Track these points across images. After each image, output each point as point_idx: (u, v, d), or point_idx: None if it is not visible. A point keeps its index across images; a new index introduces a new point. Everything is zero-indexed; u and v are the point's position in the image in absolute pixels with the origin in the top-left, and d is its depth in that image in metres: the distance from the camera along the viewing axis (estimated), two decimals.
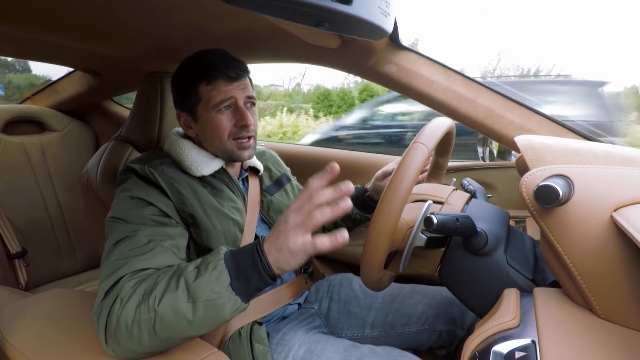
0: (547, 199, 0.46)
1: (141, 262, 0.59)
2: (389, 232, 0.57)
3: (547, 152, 0.54)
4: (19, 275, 1.40)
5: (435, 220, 0.55)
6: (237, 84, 0.75)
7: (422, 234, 0.64)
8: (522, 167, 0.73)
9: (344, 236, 0.50)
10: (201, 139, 0.80)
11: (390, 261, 0.74)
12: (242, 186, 0.85)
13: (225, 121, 0.75)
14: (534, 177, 0.50)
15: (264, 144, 1.38)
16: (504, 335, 0.46)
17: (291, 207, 0.53)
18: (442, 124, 0.67)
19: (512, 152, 1.18)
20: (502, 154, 1.24)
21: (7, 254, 1.37)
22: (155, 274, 0.57)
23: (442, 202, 0.72)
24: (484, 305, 0.60)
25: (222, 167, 0.80)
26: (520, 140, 0.58)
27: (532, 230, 0.84)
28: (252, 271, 0.54)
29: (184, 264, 0.59)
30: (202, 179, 0.77)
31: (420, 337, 0.85)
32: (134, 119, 0.98)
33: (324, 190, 0.51)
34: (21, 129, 1.52)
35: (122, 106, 1.77)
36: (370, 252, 0.60)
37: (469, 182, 0.84)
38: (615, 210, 0.44)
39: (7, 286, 0.95)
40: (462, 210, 0.69)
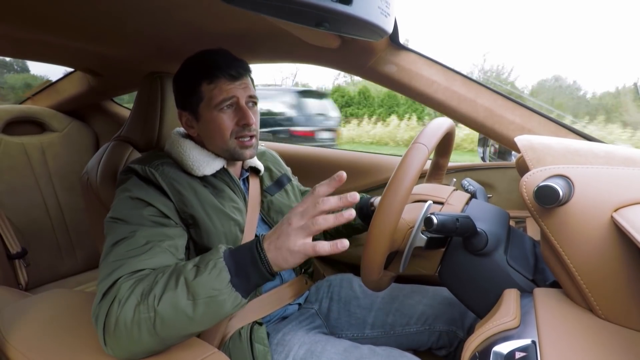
0: (547, 199, 0.46)
1: (139, 263, 0.59)
2: (389, 233, 0.57)
3: (547, 153, 0.54)
4: (19, 275, 1.41)
5: (435, 220, 0.55)
6: (239, 83, 0.76)
7: (422, 234, 0.64)
8: (522, 168, 0.73)
9: (344, 244, 0.52)
10: (203, 139, 0.80)
11: (390, 261, 0.74)
12: (242, 186, 0.85)
13: (227, 120, 0.75)
14: (534, 178, 0.50)
15: (264, 144, 1.38)
16: (504, 335, 0.46)
17: (295, 210, 0.55)
18: (442, 124, 0.67)
19: (512, 152, 1.18)
20: (502, 154, 1.24)
21: (7, 254, 1.37)
22: (153, 274, 0.57)
23: (442, 203, 0.72)
24: (484, 305, 0.60)
25: (224, 167, 0.80)
26: (520, 140, 0.58)
27: (532, 230, 0.84)
28: (251, 268, 0.55)
29: (182, 263, 0.59)
30: (203, 179, 0.77)
31: (420, 338, 0.85)
32: (134, 119, 0.98)
33: (330, 198, 0.53)
34: (21, 129, 1.52)
35: (122, 106, 1.77)
36: (370, 253, 0.60)
37: (469, 182, 0.84)
38: (615, 210, 0.44)
39: (7, 286, 0.95)
40: (462, 210, 0.69)
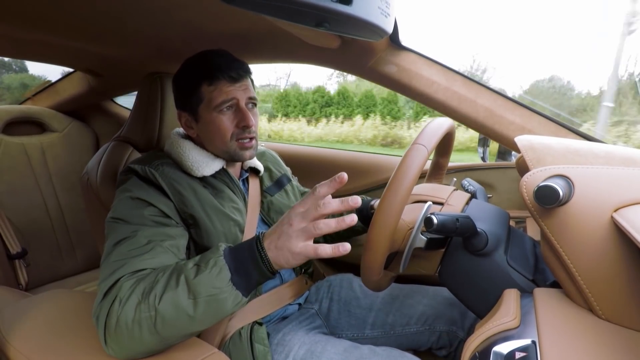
0: (548, 200, 0.46)
1: (140, 263, 0.59)
2: (389, 234, 0.57)
3: (547, 153, 0.54)
4: (19, 275, 1.41)
5: (435, 220, 0.55)
6: (239, 84, 0.76)
7: (422, 235, 0.64)
8: (522, 168, 0.73)
9: (346, 248, 0.52)
10: (202, 139, 0.80)
11: (390, 262, 0.74)
12: (242, 187, 0.85)
13: (226, 122, 0.75)
14: (534, 178, 0.50)
15: (264, 144, 1.38)
16: (504, 335, 0.46)
17: (296, 210, 0.54)
18: (441, 124, 0.67)
19: (513, 152, 1.18)
20: (503, 155, 1.24)
21: (7, 255, 1.37)
22: (153, 273, 0.57)
23: (442, 203, 0.72)
24: (484, 305, 0.60)
25: (223, 168, 0.80)
26: (520, 140, 0.58)
27: (533, 230, 0.84)
28: (252, 266, 0.56)
29: (183, 262, 0.59)
30: (203, 180, 0.77)
31: (420, 338, 0.85)
32: (134, 119, 0.98)
33: (332, 201, 0.53)
34: (21, 130, 1.52)
35: (122, 107, 1.77)
36: (370, 253, 0.60)
37: (469, 182, 0.84)
38: (615, 210, 0.44)
39: (8, 286, 0.95)
40: (462, 210, 0.69)
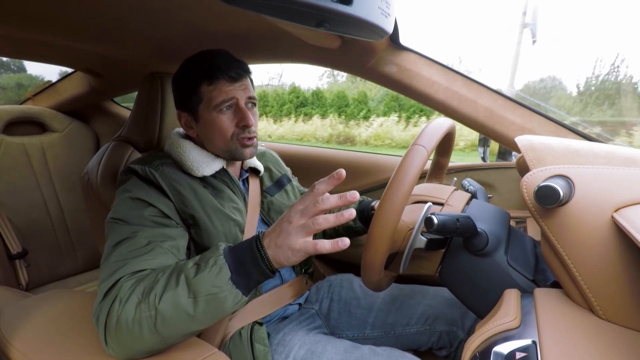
0: (548, 200, 0.46)
1: (140, 263, 0.59)
2: (389, 234, 0.57)
3: (547, 153, 0.54)
4: (19, 275, 1.41)
5: (436, 220, 0.55)
6: (239, 84, 0.76)
7: (423, 235, 0.64)
8: (522, 168, 0.73)
9: (345, 242, 0.52)
10: (202, 139, 0.80)
11: (390, 262, 0.74)
12: (242, 187, 0.85)
13: (226, 121, 0.75)
14: (535, 178, 0.50)
15: (264, 144, 1.38)
16: (505, 335, 0.46)
17: (295, 208, 0.55)
18: (442, 125, 0.67)
19: (513, 152, 1.18)
20: (503, 155, 1.24)
21: (7, 255, 1.37)
22: (153, 273, 0.57)
23: (442, 203, 0.72)
24: (485, 305, 0.60)
25: (223, 168, 0.80)
26: (520, 140, 0.58)
27: (533, 230, 0.83)
28: (252, 265, 0.55)
29: (183, 261, 0.59)
30: (203, 180, 0.77)
31: (420, 338, 0.85)
32: (135, 119, 0.98)
33: (330, 197, 0.53)
34: (22, 130, 1.52)
35: (123, 107, 1.77)
36: (370, 254, 0.60)
37: (470, 182, 0.84)
38: (615, 210, 0.44)
39: (8, 286, 0.95)
40: (463, 210, 0.69)
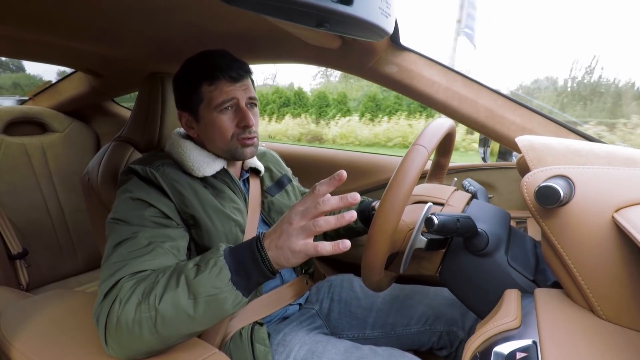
0: (548, 200, 0.46)
1: (141, 264, 0.59)
2: (389, 234, 0.57)
3: (548, 153, 0.54)
4: (20, 276, 1.41)
5: (436, 220, 0.55)
6: (239, 84, 0.76)
7: (423, 235, 0.64)
8: (523, 168, 0.73)
9: (346, 245, 0.51)
10: (203, 139, 0.80)
11: (391, 262, 0.74)
12: (243, 187, 0.85)
13: (227, 121, 0.75)
14: (535, 178, 0.50)
15: (265, 144, 1.38)
16: (505, 336, 0.46)
17: (296, 209, 0.54)
18: (442, 125, 0.67)
19: (513, 152, 1.18)
20: (503, 155, 1.24)
21: (8, 255, 1.37)
22: (154, 274, 0.57)
23: (442, 204, 0.72)
24: (485, 306, 0.60)
25: (224, 168, 0.80)
26: (521, 140, 0.58)
27: (533, 230, 0.83)
28: (252, 266, 0.55)
29: (183, 262, 0.59)
30: (204, 180, 0.77)
31: (421, 338, 0.85)
32: (135, 119, 0.98)
33: (331, 198, 0.52)
34: (22, 130, 1.52)
35: (123, 107, 1.77)
36: (371, 254, 0.60)
37: (470, 182, 0.84)
38: (616, 211, 0.44)
39: (8, 287, 0.95)
40: (463, 211, 0.69)
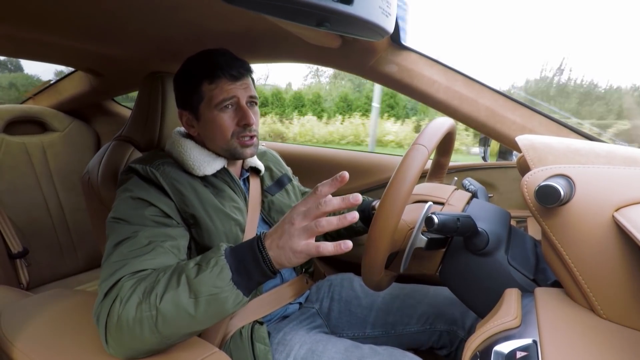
0: (549, 199, 0.46)
1: (141, 263, 0.59)
2: (389, 234, 0.57)
3: (548, 152, 0.53)
4: (20, 275, 1.41)
5: (436, 220, 0.55)
6: (240, 83, 0.76)
7: (423, 235, 0.64)
8: (523, 167, 0.73)
9: (348, 245, 0.52)
10: (203, 138, 0.80)
11: (391, 261, 0.74)
12: (243, 186, 0.85)
13: (227, 120, 0.75)
14: (535, 177, 0.50)
15: (265, 144, 1.38)
16: (505, 335, 0.46)
17: (298, 209, 0.54)
18: (442, 124, 0.67)
19: (514, 152, 1.18)
20: (504, 154, 1.24)
21: (8, 254, 1.37)
22: (155, 273, 0.57)
23: (442, 203, 0.72)
24: (485, 305, 0.60)
25: (224, 167, 0.81)
26: (521, 140, 0.58)
27: (534, 230, 0.83)
28: (253, 266, 0.55)
29: (184, 261, 0.59)
30: (204, 179, 0.77)
31: (421, 337, 0.85)
32: (135, 119, 0.98)
33: (332, 199, 0.53)
34: (23, 129, 1.52)
35: (123, 106, 1.77)
36: (371, 253, 0.60)
37: (470, 182, 0.84)
38: (616, 210, 0.44)
39: (9, 286, 0.95)
40: (463, 210, 0.69)
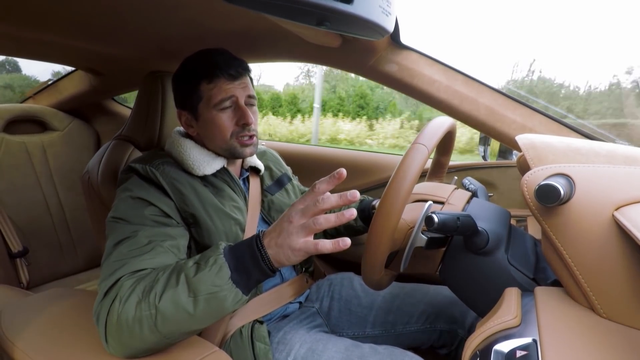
0: (549, 198, 0.46)
1: (140, 263, 0.59)
2: (389, 233, 0.57)
3: (548, 151, 0.53)
4: (20, 274, 1.41)
5: (436, 219, 0.55)
6: (238, 82, 0.76)
7: (423, 234, 0.64)
8: (523, 166, 0.73)
9: (346, 242, 0.51)
10: (202, 138, 0.80)
11: (391, 260, 0.74)
12: (243, 186, 0.85)
13: (226, 120, 0.75)
14: (535, 176, 0.50)
15: (265, 143, 1.38)
16: (505, 334, 0.46)
17: (296, 207, 0.54)
18: (442, 123, 0.67)
19: (514, 151, 1.18)
20: (504, 153, 1.24)
21: (8, 253, 1.37)
22: (154, 272, 0.57)
23: (442, 202, 0.72)
24: (485, 304, 0.60)
25: (224, 167, 0.80)
26: (521, 139, 0.58)
27: (534, 229, 0.83)
28: (252, 264, 0.55)
29: (183, 260, 0.59)
30: (204, 178, 0.77)
31: (421, 336, 0.86)
32: (135, 118, 0.98)
33: (330, 196, 0.52)
34: (23, 128, 1.52)
35: (124, 105, 1.77)
36: (371, 252, 0.60)
37: (470, 181, 0.84)
38: (616, 209, 0.44)
39: (9, 285, 0.95)
40: (463, 209, 0.69)
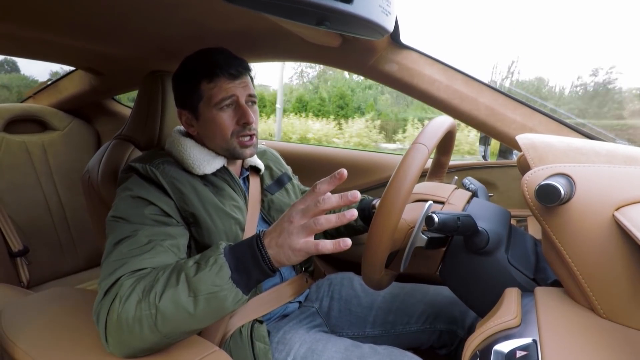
0: (549, 198, 0.46)
1: (140, 262, 0.59)
2: (389, 233, 0.57)
3: (548, 151, 0.53)
4: (20, 273, 1.41)
5: (436, 219, 0.55)
6: (239, 81, 0.75)
7: (423, 234, 0.64)
8: (523, 166, 0.73)
9: (347, 243, 0.51)
10: (203, 137, 0.80)
11: (391, 260, 0.74)
12: (243, 185, 0.85)
13: (227, 119, 0.75)
14: (536, 176, 0.50)
15: (265, 142, 1.38)
16: (505, 334, 0.46)
17: (296, 207, 0.54)
18: (442, 123, 0.67)
19: (514, 151, 1.18)
20: (504, 153, 1.24)
21: (9, 252, 1.37)
22: (154, 272, 0.57)
23: (443, 202, 0.72)
24: (485, 304, 0.60)
25: (224, 166, 0.80)
26: (521, 139, 0.58)
27: (534, 229, 0.83)
28: (252, 264, 0.55)
29: (183, 260, 0.59)
30: (204, 178, 0.77)
31: (421, 337, 0.85)
32: (136, 117, 0.98)
33: (331, 196, 0.52)
34: (23, 128, 1.52)
35: (124, 105, 1.77)
36: (371, 252, 0.60)
37: (471, 181, 0.84)
38: (617, 209, 0.44)
39: (9, 284, 0.95)
40: (464, 209, 0.69)
